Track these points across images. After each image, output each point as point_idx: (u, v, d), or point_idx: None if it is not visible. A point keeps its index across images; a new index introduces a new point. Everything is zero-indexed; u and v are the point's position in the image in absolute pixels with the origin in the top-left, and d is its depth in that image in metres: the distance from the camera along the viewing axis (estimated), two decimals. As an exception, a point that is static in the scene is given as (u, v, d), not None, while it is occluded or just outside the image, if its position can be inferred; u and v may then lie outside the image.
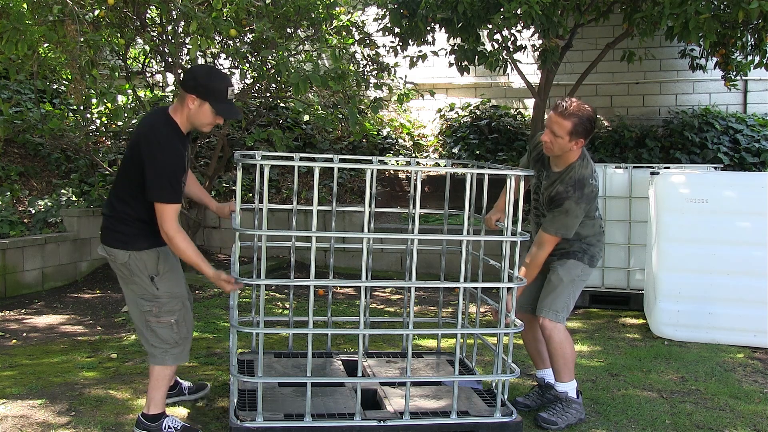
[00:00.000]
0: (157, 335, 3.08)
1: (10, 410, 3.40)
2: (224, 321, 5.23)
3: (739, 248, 4.89)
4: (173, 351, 3.11)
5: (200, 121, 3.05)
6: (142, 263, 3.04)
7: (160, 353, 3.09)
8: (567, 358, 3.42)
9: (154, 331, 3.08)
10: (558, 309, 3.43)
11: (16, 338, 4.96)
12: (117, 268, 3.11)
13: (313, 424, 2.94)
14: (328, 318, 4.13)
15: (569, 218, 3.34)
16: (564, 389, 3.43)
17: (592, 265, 3.54)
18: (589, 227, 3.50)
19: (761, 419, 3.49)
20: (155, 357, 3.10)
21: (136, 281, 3.07)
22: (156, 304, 3.07)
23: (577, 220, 3.37)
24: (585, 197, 3.34)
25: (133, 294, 3.12)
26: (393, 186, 8.99)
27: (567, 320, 3.53)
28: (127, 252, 3.04)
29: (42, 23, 5.06)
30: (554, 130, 3.30)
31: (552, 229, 3.38)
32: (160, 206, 2.92)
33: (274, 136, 6.16)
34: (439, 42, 7.29)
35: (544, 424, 3.37)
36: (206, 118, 3.04)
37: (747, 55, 6.92)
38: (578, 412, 3.42)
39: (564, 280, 3.46)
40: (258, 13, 5.94)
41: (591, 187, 3.36)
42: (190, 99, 2.99)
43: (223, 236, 8.11)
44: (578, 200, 3.33)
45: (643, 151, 8.42)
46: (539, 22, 5.92)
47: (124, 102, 6.85)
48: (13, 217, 6.67)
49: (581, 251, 3.49)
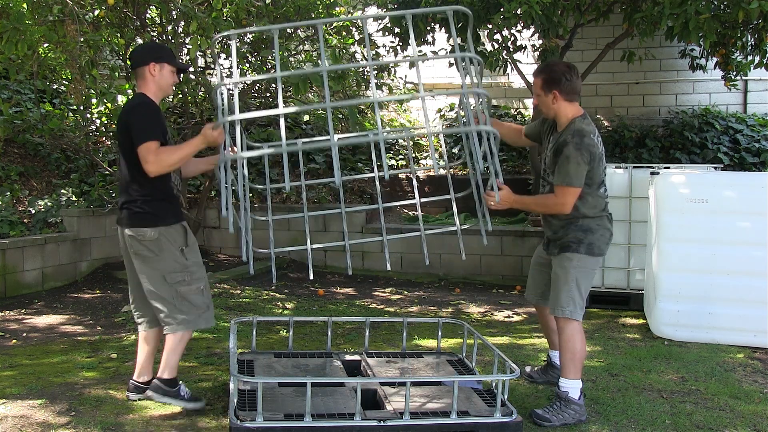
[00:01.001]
0: (191, 302, 3.38)
1: (10, 410, 3.40)
2: (224, 321, 5.23)
3: (739, 248, 4.89)
4: (205, 315, 3.44)
5: (166, 82, 3.42)
6: (171, 237, 3.34)
7: (194, 318, 3.39)
8: (575, 354, 3.41)
9: (187, 298, 3.37)
10: (563, 304, 3.44)
11: (16, 338, 4.96)
12: (143, 248, 3.33)
13: (313, 424, 2.94)
14: (329, 319, 4.13)
15: (571, 165, 3.37)
16: (566, 387, 3.40)
17: (593, 253, 3.48)
18: (589, 203, 3.47)
19: (761, 419, 3.49)
20: (189, 322, 3.38)
21: (165, 256, 3.33)
22: (187, 273, 3.37)
23: (580, 169, 3.38)
24: (585, 146, 3.38)
25: (158, 272, 3.34)
26: (393, 186, 8.99)
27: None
28: (157, 228, 3.31)
29: (42, 23, 5.06)
30: (534, 91, 3.60)
31: (558, 179, 3.42)
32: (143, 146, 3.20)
33: (273, 136, 6.16)
34: (439, 42, 7.30)
35: (538, 419, 3.36)
36: (170, 77, 3.43)
37: (747, 55, 6.92)
38: (577, 413, 3.37)
39: (560, 275, 3.48)
40: (258, 13, 5.94)
41: (591, 141, 3.42)
42: (150, 67, 3.36)
43: (223, 236, 8.12)
44: (578, 146, 3.38)
45: (643, 151, 8.42)
46: (539, 22, 5.92)
47: (124, 102, 6.84)
48: (13, 217, 6.67)
49: (576, 241, 3.47)
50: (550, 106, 3.53)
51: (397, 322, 4.93)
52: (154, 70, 3.36)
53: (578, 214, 3.47)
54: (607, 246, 3.55)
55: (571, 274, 3.46)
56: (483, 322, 5.73)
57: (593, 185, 3.47)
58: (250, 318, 4.09)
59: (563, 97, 3.50)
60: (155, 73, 3.37)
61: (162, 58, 3.39)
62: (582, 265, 3.47)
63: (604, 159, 3.54)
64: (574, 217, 3.48)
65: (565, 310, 3.43)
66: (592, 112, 9.41)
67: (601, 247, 3.51)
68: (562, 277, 3.48)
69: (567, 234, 3.50)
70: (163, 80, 3.41)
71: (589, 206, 3.48)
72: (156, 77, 3.38)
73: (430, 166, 9.24)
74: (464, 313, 6.06)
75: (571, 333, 3.42)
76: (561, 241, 3.53)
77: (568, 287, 3.45)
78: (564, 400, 3.38)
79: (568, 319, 3.42)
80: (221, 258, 7.93)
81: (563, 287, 3.46)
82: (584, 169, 3.39)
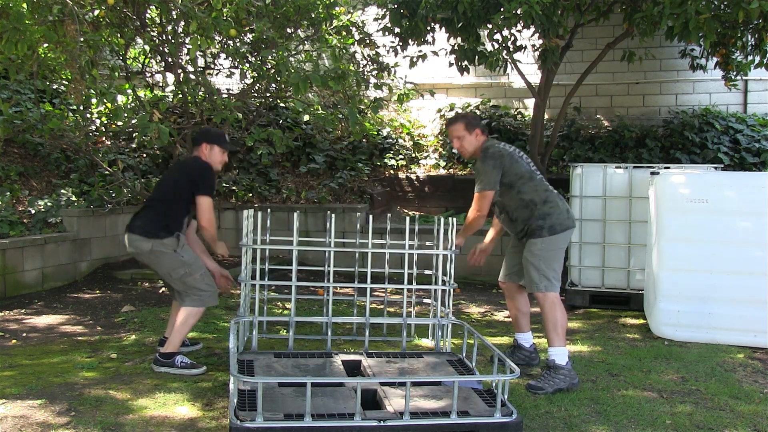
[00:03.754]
0: (198, 287, 4.07)
1: (10, 410, 3.40)
2: (224, 321, 5.23)
3: (739, 248, 4.89)
4: (212, 295, 4.14)
5: (213, 160, 4.23)
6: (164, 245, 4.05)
7: (207, 296, 4.10)
8: (556, 323, 3.83)
9: (194, 285, 4.06)
10: (536, 281, 3.91)
11: (16, 338, 4.96)
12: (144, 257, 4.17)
13: (313, 424, 2.94)
14: (329, 319, 4.12)
15: (481, 174, 3.97)
16: (553, 354, 3.81)
17: (556, 231, 3.94)
18: (530, 189, 3.99)
19: (761, 419, 3.49)
20: (202, 299, 4.09)
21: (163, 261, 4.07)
22: (186, 266, 4.06)
23: (490, 175, 3.94)
24: (489, 157, 3.98)
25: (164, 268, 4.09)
26: (393, 186, 8.99)
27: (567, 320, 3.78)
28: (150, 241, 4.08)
29: (42, 23, 5.06)
30: (455, 137, 4.13)
31: (477, 188, 3.99)
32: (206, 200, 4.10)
33: (274, 136, 6.16)
34: (439, 42, 7.30)
35: (532, 390, 3.73)
36: (218, 156, 4.25)
37: (747, 55, 6.92)
38: (567, 377, 3.74)
39: (530, 259, 3.95)
40: (258, 13, 5.94)
41: (491, 150, 4.00)
42: (204, 147, 4.22)
43: (223, 236, 8.10)
44: (483, 160, 3.99)
45: (643, 151, 8.42)
46: (539, 22, 5.92)
47: (124, 102, 6.84)
48: (13, 217, 6.67)
49: (539, 228, 3.94)
50: (474, 142, 4.11)
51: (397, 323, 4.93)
52: (206, 150, 4.22)
53: (529, 202, 3.97)
54: (568, 219, 4.01)
55: (538, 256, 3.92)
56: (483, 322, 5.73)
57: (523, 177, 3.99)
58: (250, 318, 4.09)
59: (482, 131, 4.12)
60: (206, 152, 4.22)
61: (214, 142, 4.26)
62: (548, 247, 3.93)
63: (521, 155, 4.09)
64: (528, 209, 3.97)
65: (539, 285, 3.90)
66: (592, 112, 9.43)
67: (563, 223, 3.97)
68: (532, 260, 3.94)
69: (530, 225, 3.97)
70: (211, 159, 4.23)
71: (530, 193, 3.98)
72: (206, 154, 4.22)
73: (430, 166, 9.24)
74: (464, 313, 6.06)
75: (550, 305, 3.86)
76: (528, 230, 4.00)
77: (539, 267, 3.91)
78: (553, 368, 3.76)
79: (545, 293, 3.88)
80: (222, 258, 7.92)
81: (532, 268, 3.93)
82: (494, 173, 3.95)
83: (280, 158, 8.91)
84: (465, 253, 4.40)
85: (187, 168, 4.26)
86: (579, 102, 9.17)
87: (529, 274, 3.96)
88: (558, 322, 3.83)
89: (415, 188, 8.93)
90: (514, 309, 4.31)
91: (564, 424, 3.38)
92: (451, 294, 4.23)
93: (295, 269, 4.09)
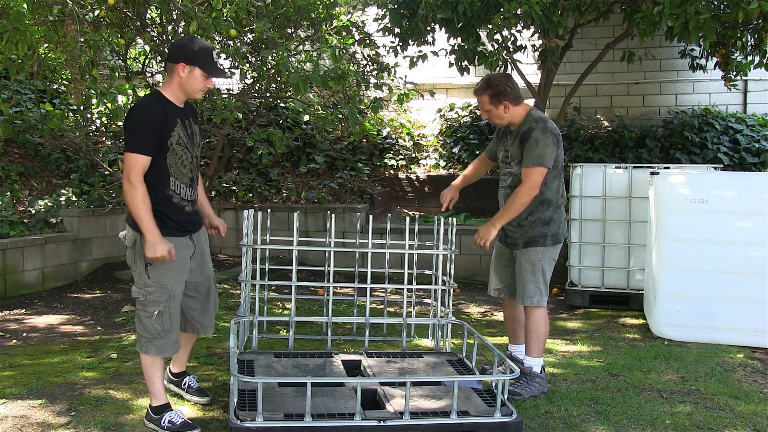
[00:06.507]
0: (143, 323, 3.15)
1: (10, 410, 3.40)
2: (224, 321, 5.23)
3: (739, 248, 4.89)
4: (156, 342, 3.15)
5: (192, 88, 3.17)
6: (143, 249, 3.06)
7: (144, 342, 3.16)
8: (539, 335, 3.79)
9: (140, 318, 3.15)
10: (531, 295, 3.76)
11: (16, 338, 4.96)
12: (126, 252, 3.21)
13: (313, 424, 2.94)
14: (329, 319, 4.12)
15: (540, 147, 3.62)
16: (530, 363, 3.81)
17: (558, 241, 3.81)
18: (553, 188, 3.75)
19: (761, 419, 3.49)
20: (140, 344, 3.18)
21: (136, 267, 3.14)
22: (144, 292, 3.12)
23: (549, 150, 3.61)
24: (550, 129, 3.65)
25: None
26: (393, 186, 8.99)
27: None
28: (136, 233, 3.10)
29: (42, 23, 5.06)
30: (482, 108, 3.81)
31: (529, 161, 3.63)
32: (126, 156, 3.02)
33: (274, 136, 6.16)
34: (439, 42, 7.29)
35: (510, 395, 3.66)
36: (198, 83, 3.16)
37: (747, 55, 6.92)
38: (540, 386, 3.76)
39: (527, 269, 3.77)
40: (258, 13, 5.94)
41: (553, 125, 3.69)
42: (180, 67, 3.12)
43: (224, 237, 8.10)
44: (543, 130, 3.64)
45: (643, 151, 8.42)
46: (539, 22, 5.92)
47: (124, 102, 6.83)
48: (13, 217, 6.67)
49: (542, 236, 3.76)
50: (503, 116, 3.77)
51: (397, 323, 4.93)
52: (182, 71, 3.13)
53: (543, 198, 3.72)
54: (565, 230, 3.88)
55: (537, 266, 3.77)
56: (483, 322, 5.73)
57: (558, 168, 3.73)
58: (250, 318, 4.09)
59: (513, 104, 3.75)
60: (183, 75, 3.13)
61: (195, 61, 3.12)
62: (547, 256, 3.79)
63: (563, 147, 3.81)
64: (542, 203, 3.72)
65: (533, 299, 3.77)
66: (591, 112, 9.43)
67: (563, 233, 3.85)
68: (529, 270, 3.77)
69: (532, 229, 3.76)
70: (189, 85, 3.16)
71: (553, 191, 3.76)
72: (183, 79, 3.14)
73: (430, 165, 9.25)
74: (464, 313, 6.06)
75: (537, 318, 3.79)
76: (526, 237, 3.79)
77: (536, 278, 3.77)
78: (529, 375, 3.77)
79: (535, 307, 3.78)
80: (221, 258, 7.93)
81: (531, 279, 3.77)
82: (553, 150, 3.64)
83: (280, 158, 8.91)
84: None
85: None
86: (579, 102, 9.18)
87: (525, 286, 3.77)
88: (542, 334, 3.81)
89: (415, 188, 8.93)
90: (512, 320, 4.11)
91: (564, 424, 3.38)
92: (451, 294, 4.21)
93: (295, 269, 4.07)
